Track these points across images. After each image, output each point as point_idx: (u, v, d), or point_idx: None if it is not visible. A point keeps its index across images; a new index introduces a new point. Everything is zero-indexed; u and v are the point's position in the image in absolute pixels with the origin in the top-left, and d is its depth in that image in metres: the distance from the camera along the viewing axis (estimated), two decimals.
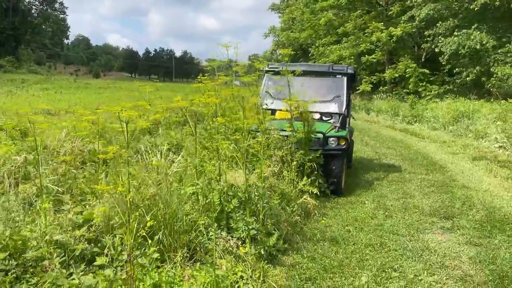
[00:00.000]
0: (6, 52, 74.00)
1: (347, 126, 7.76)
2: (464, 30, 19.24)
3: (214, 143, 4.83)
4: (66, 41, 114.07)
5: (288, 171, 6.18)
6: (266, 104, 7.19)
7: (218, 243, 4.15)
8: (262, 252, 4.19)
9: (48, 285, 3.29)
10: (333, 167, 6.71)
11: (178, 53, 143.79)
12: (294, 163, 6.19)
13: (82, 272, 3.46)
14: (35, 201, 4.74)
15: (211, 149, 5.06)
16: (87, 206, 4.38)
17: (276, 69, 7.83)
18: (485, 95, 19.60)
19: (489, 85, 18.74)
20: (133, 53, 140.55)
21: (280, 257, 4.42)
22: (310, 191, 5.99)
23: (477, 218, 5.84)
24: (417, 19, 22.07)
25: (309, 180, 6.13)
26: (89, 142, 6.11)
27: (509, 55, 17.73)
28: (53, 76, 67.93)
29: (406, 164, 9.86)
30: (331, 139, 6.82)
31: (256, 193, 4.33)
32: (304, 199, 5.04)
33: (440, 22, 20.82)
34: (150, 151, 5.35)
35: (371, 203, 6.56)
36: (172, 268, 3.72)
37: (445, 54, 20.38)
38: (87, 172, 5.57)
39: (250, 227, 4.14)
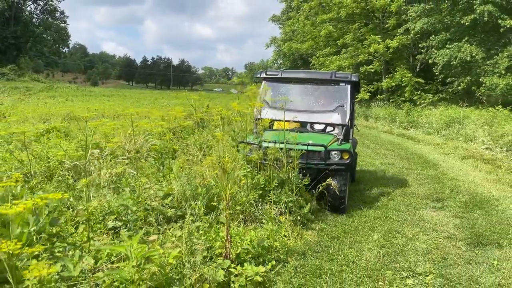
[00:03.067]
0: (8, 60, 75.09)
1: (350, 138, 7.30)
2: (455, 43, 20.75)
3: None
4: (63, 49, 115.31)
5: None
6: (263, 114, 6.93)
7: (264, 212, 5.52)
8: (298, 218, 5.55)
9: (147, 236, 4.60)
10: (336, 183, 6.21)
11: (175, 61, 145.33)
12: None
13: (172, 228, 4.82)
14: (116, 182, 6.11)
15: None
16: (163, 185, 5.74)
17: (275, 76, 7.56)
18: (476, 103, 21.08)
19: (479, 93, 20.22)
20: (130, 61, 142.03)
21: (309, 224, 5.78)
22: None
23: (462, 200, 7.24)
24: (412, 32, 23.60)
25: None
26: (154, 138, 7.47)
27: (496, 66, 19.22)
28: (55, 84, 69.13)
29: (403, 162, 11.26)
30: (333, 152, 6.36)
31: (293, 174, 5.70)
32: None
33: (433, 36, 22.36)
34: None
35: (376, 191, 7.94)
36: (236, 227, 5.07)
37: (438, 65, 21.87)
38: (149, 162, 6.96)
39: (290, 198, 5.50)
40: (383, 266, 4.51)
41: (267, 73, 7.61)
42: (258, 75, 7.78)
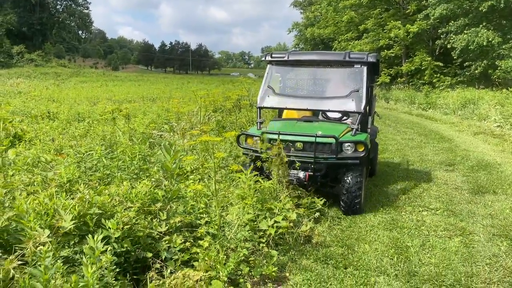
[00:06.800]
0: (34, 46, 77.83)
1: (368, 127, 6.49)
2: (473, 29, 21.80)
3: None
4: (85, 35, 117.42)
5: None
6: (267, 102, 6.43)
7: None
8: None
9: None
10: (349, 181, 5.53)
11: (192, 46, 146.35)
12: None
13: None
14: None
15: None
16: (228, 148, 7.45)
17: (282, 59, 6.63)
18: (493, 86, 22.19)
19: (495, 76, 21.34)
20: (149, 46, 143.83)
21: None
22: None
23: (469, 165, 8.79)
24: (432, 17, 24.62)
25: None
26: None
27: None
28: (81, 70, 71.69)
29: (421, 137, 12.76)
30: (346, 144, 5.61)
31: None
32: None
33: (452, 22, 23.40)
34: None
35: (398, 158, 9.54)
36: None
37: (456, 49, 22.93)
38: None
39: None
40: (405, 204, 6.16)
41: (273, 55, 6.73)
42: (263, 58, 6.99)
